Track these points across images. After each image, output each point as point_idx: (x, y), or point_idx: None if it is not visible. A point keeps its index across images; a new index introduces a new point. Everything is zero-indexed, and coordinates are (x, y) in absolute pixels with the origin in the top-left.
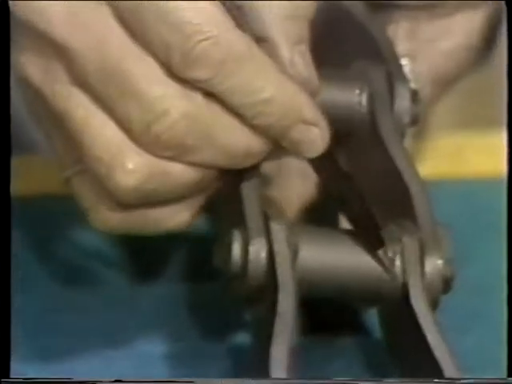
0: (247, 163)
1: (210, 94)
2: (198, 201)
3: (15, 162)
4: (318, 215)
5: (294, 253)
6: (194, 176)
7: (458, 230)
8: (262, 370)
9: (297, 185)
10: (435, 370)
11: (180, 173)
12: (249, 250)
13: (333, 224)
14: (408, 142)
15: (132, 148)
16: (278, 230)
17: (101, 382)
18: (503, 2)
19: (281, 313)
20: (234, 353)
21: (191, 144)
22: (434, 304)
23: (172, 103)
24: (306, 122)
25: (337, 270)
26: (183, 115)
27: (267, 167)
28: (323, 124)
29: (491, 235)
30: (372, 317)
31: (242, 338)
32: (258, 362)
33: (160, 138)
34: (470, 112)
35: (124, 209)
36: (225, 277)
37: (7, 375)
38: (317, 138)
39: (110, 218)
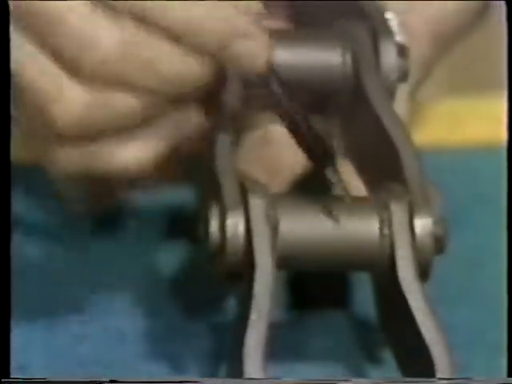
0: (188, 88)
1: (140, 21)
2: (148, 136)
3: None
4: (308, 187)
5: (274, 227)
6: (135, 104)
7: (455, 200)
8: (239, 353)
9: (287, 155)
10: (422, 347)
11: (120, 101)
12: (226, 226)
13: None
14: (402, 104)
15: (69, 81)
16: (256, 203)
17: (100, 381)
18: (503, 2)
19: (256, 295)
20: (216, 331)
21: (128, 72)
22: (427, 266)
23: (103, 33)
24: (242, 37)
25: (320, 243)
26: (116, 44)
27: (253, 137)
28: (262, 37)
29: (489, 205)
30: (364, 291)
31: (224, 316)
32: (236, 344)
33: (96, 70)
34: (468, 77)
35: (69, 145)
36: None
37: (7, 375)
38: (256, 50)
39: (59, 158)
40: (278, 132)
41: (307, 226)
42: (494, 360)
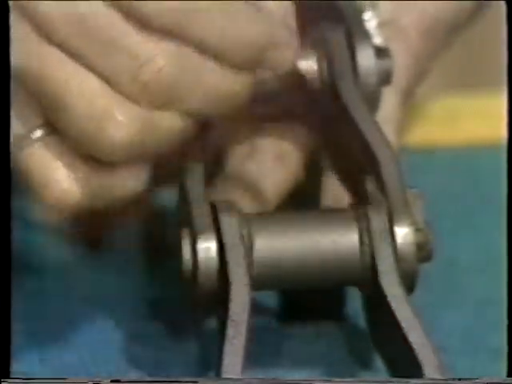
0: (232, 106)
1: (178, 38)
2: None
3: None
4: (297, 202)
5: (249, 246)
6: (182, 125)
7: (452, 200)
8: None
9: (272, 170)
10: (410, 355)
11: (170, 122)
12: (197, 250)
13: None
14: (393, 106)
15: (120, 100)
16: (228, 224)
17: (100, 381)
18: (503, 2)
19: (232, 318)
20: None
21: (179, 90)
22: (411, 275)
23: (156, 49)
24: (279, 47)
25: (298, 260)
26: (168, 60)
27: (238, 152)
28: (294, 42)
29: (487, 205)
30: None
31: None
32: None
33: (147, 86)
34: (466, 75)
35: (90, 176)
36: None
37: (7, 375)
38: (291, 57)
39: (70, 190)
40: (264, 147)
41: (284, 244)
42: (494, 364)
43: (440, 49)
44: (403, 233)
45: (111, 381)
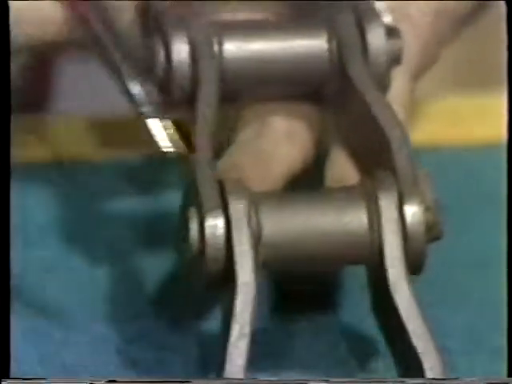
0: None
1: None
2: None
3: None
4: (306, 182)
5: (257, 227)
6: None
7: (454, 200)
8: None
9: (282, 148)
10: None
11: None
12: (205, 228)
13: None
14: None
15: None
16: (236, 204)
17: (99, 381)
18: (503, 2)
19: (238, 305)
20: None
21: None
22: (420, 254)
23: None
24: None
25: (306, 241)
26: None
27: (248, 131)
28: None
29: (488, 205)
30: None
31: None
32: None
33: None
34: (469, 74)
35: None
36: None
37: (7, 375)
38: None
39: None
40: (275, 125)
41: (292, 225)
42: (493, 364)
43: (448, 36)
44: (412, 212)
45: (109, 381)
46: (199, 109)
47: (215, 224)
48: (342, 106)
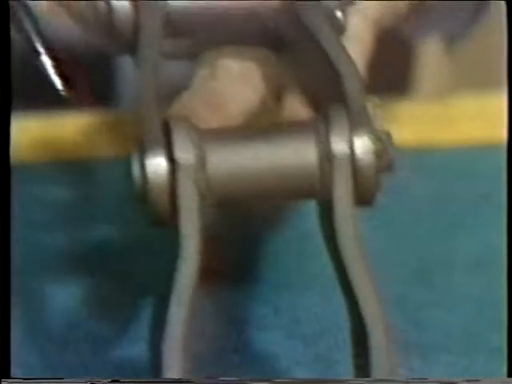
0: None
1: None
2: None
3: None
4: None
5: (201, 162)
6: None
7: (449, 200)
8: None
9: (232, 89)
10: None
11: None
12: (145, 166)
13: None
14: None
15: None
16: (180, 139)
17: (100, 381)
18: (503, 2)
19: (183, 238)
20: None
21: None
22: (371, 184)
23: None
24: None
25: (252, 174)
26: None
27: (200, 74)
28: None
29: (484, 205)
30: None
31: None
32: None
33: None
34: (465, 76)
35: None
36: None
37: (7, 375)
38: None
39: None
40: (229, 67)
41: (240, 159)
42: (492, 363)
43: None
44: (362, 143)
45: (112, 381)
46: (142, 53)
47: (157, 163)
48: (295, 47)
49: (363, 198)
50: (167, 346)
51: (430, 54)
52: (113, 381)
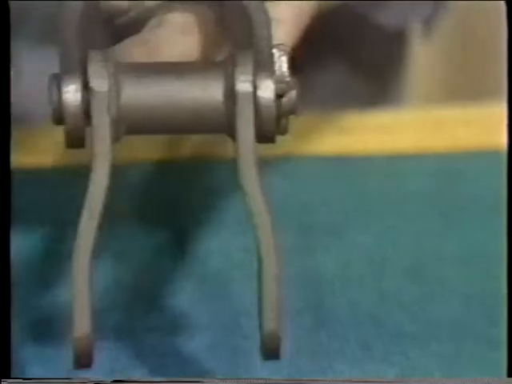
0: None
1: None
2: None
3: None
4: None
5: (116, 91)
6: None
7: (439, 202)
8: None
9: (176, 38)
10: None
11: None
12: (61, 92)
13: None
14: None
15: None
16: (96, 67)
17: (102, 382)
18: (503, 2)
19: (95, 159)
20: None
21: None
22: (272, 126)
23: None
24: None
25: (162, 106)
26: None
27: (148, 24)
28: None
29: (473, 207)
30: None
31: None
32: None
33: None
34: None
35: None
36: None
37: (7, 375)
38: None
39: None
40: (172, 19)
41: (151, 91)
42: (480, 349)
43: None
44: (264, 83)
45: (114, 381)
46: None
47: (72, 89)
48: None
49: (265, 135)
50: (77, 255)
51: (425, 59)
52: (114, 381)
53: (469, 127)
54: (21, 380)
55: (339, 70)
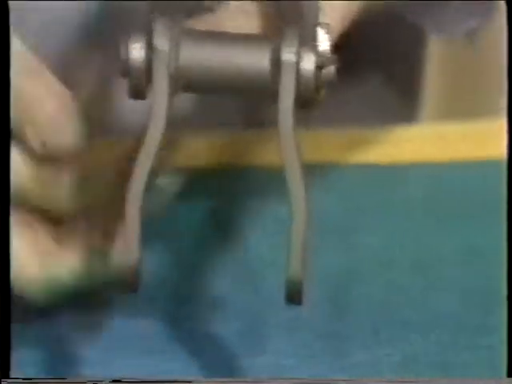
0: None
1: None
2: None
3: None
4: None
5: (175, 51)
6: None
7: (437, 207)
8: None
9: (236, 21)
10: None
11: None
12: (129, 46)
13: None
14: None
15: None
16: (160, 29)
17: (101, 381)
18: (503, 2)
19: (153, 110)
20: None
21: None
22: (312, 92)
23: None
24: None
25: (215, 69)
26: None
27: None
28: None
29: (472, 209)
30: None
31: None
32: None
33: None
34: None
35: None
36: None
37: (7, 375)
38: None
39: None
40: (231, 4)
41: (205, 54)
42: (476, 338)
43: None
44: (307, 55)
45: (112, 381)
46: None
47: (138, 46)
48: None
49: (304, 101)
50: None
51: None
52: (114, 381)
53: (473, 139)
54: (21, 380)
55: (374, 82)
